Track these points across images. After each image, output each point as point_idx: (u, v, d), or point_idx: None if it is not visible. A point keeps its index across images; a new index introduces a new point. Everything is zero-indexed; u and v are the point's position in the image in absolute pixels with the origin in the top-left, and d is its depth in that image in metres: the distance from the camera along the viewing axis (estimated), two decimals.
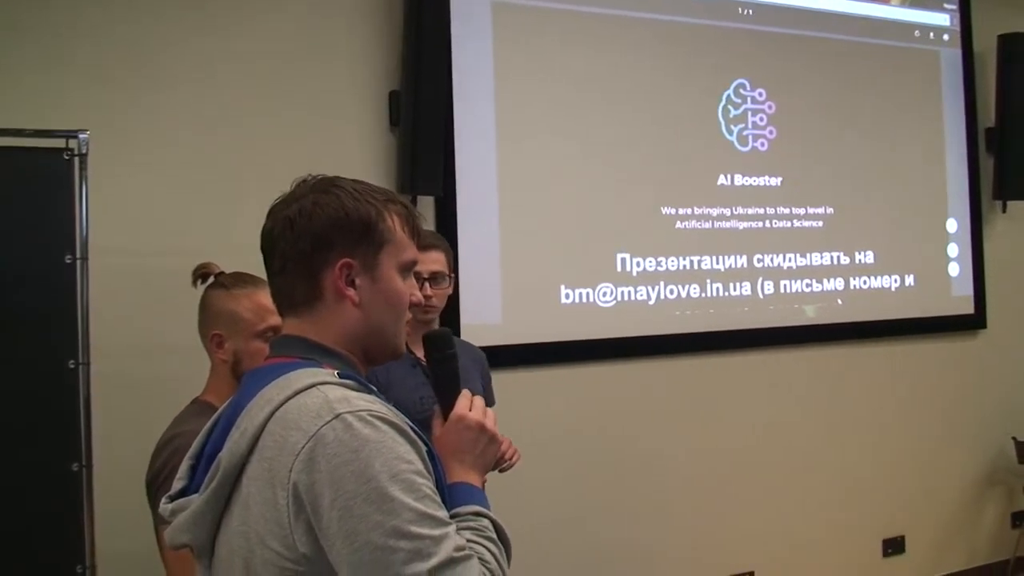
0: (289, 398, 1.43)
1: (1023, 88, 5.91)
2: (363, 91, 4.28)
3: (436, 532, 1.36)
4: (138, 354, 3.65)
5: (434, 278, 3.20)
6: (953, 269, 5.89)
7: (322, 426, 1.38)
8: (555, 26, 4.67)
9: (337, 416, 1.39)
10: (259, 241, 1.62)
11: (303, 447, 1.38)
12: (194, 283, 2.62)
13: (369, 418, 1.39)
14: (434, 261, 3.21)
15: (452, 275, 3.34)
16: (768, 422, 5.20)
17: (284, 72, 4.09)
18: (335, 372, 1.48)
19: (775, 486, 5.21)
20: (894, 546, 5.59)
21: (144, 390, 3.56)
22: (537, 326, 4.56)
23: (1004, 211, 6.10)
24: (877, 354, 5.58)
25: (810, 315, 5.34)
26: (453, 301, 4.07)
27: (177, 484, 1.60)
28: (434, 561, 1.33)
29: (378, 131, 4.29)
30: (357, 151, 4.23)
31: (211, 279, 2.61)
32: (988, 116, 6.04)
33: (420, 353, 2.95)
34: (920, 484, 5.71)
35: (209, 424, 1.62)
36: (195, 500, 1.51)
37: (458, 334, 4.16)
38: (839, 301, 5.44)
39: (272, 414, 1.43)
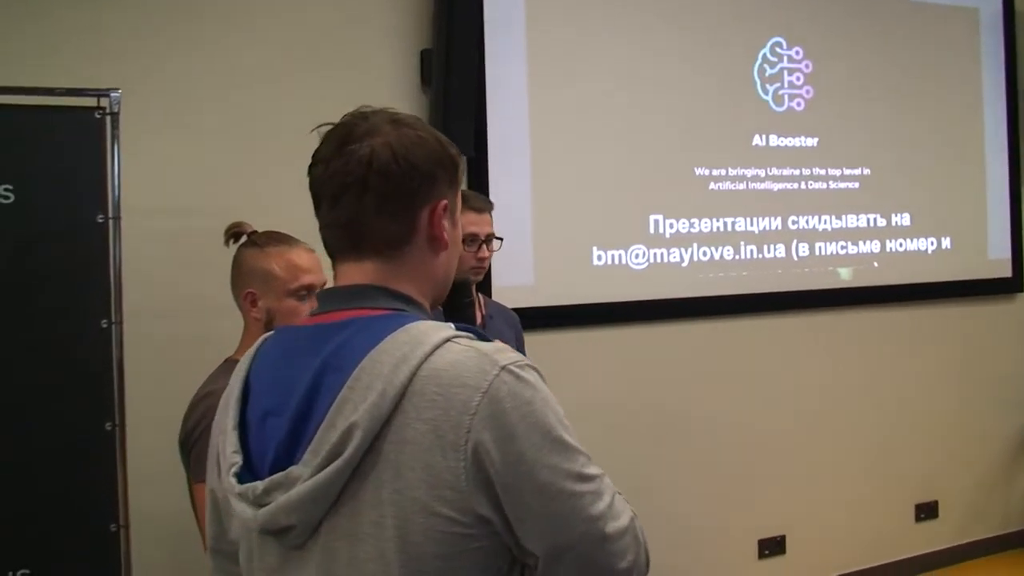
0: (429, 354, 1.33)
1: None
2: (395, 50, 4.23)
3: (598, 469, 1.38)
4: (170, 314, 3.66)
5: (489, 240, 3.31)
6: (991, 231, 5.80)
7: (491, 381, 1.32)
8: None
9: (504, 368, 1.33)
10: (316, 183, 1.47)
11: (478, 404, 1.30)
12: (227, 242, 2.61)
13: (527, 368, 1.36)
14: (488, 223, 3.33)
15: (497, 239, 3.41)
16: (802, 385, 5.16)
17: (315, 31, 4.06)
18: (451, 325, 1.41)
19: (808, 450, 5.18)
20: (927, 511, 5.56)
21: (176, 349, 3.58)
22: (569, 288, 4.53)
23: None
24: (913, 317, 5.52)
25: (845, 278, 5.29)
26: None
27: (234, 457, 1.44)
28: (607, 499, 1.37)
29: (410, 90, 4.26)
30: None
31: (243, 238, 2.60)
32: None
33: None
34: (954, 449, 5.66)
35: (259, 385, 1.49)
36: (305, 474, 1.34)
37: (490, 295, 4.14)
38: (875, 264, 5.37)
39: (415, 372, 1.32)
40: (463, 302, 1.77)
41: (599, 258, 4.61)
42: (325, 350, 1.39)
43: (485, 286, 4.19)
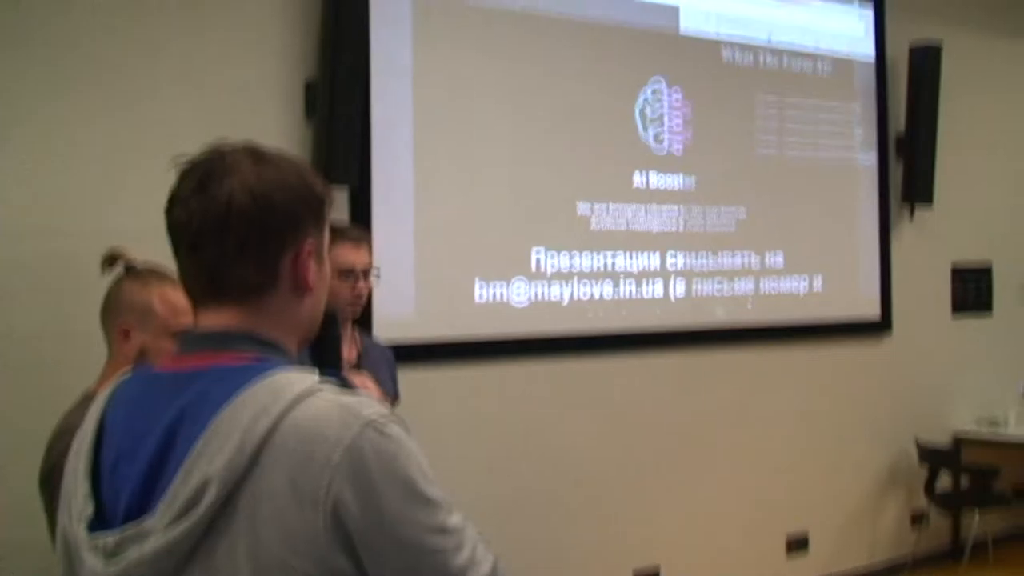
0: (290, 406, 1.28)
1: (932, 97, 6.06)
2: (279, 80, 4.20)
3: (460, 519, 1.36)
4: (30, 340, 3.54)
5: (367, 273, 3.21)
6: (861, 273, 6.00)
7: (355, 436, 1.28)
8: (475, 20, 4.64)
9: (366, 424, 1.29)
10: (174, 226, 1.40)
11: (339, 458, 1.27)
12: (103, 269, 2.54)
13: (390, 422, 1.32)
14: (365, 256, 3.22)
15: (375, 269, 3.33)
16: (678, 421, 5.25)
17: (200, 58, 4.01)
18: (315, 374, 1.35)
19: (683, 484, 5.26)
20: (798, 543, 5.69)
21: (37, 377, 3.47)
22: (450, 322, 4.54)
23: (911, 217, 6.23)
24: (786, 356, 5.67)
25: (721, 316, 5.40)
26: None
27: (85, 505, 1.38)
28: (468, 549, 1.35)
29: (294, 121, 4.23)
30: (274, 142, 4.14)
31: (121, 266, 2.54)
32: (899, 123, 6.16)
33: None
34: (825, 483, 5.81)
35: (113, 428, 1.43)
36: (158, 527, 1.28)
37: (371, 328, 4.13)
38: (749, 305, 5.50)
39: (275, 425, 1.27)
40: (330, 335, 1.72)
41: (480, 295, 4.62)
42: (183, 398, 1.35)
43: (367, 319, 4.18)
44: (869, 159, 6.06)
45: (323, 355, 1.67)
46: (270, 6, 4.19)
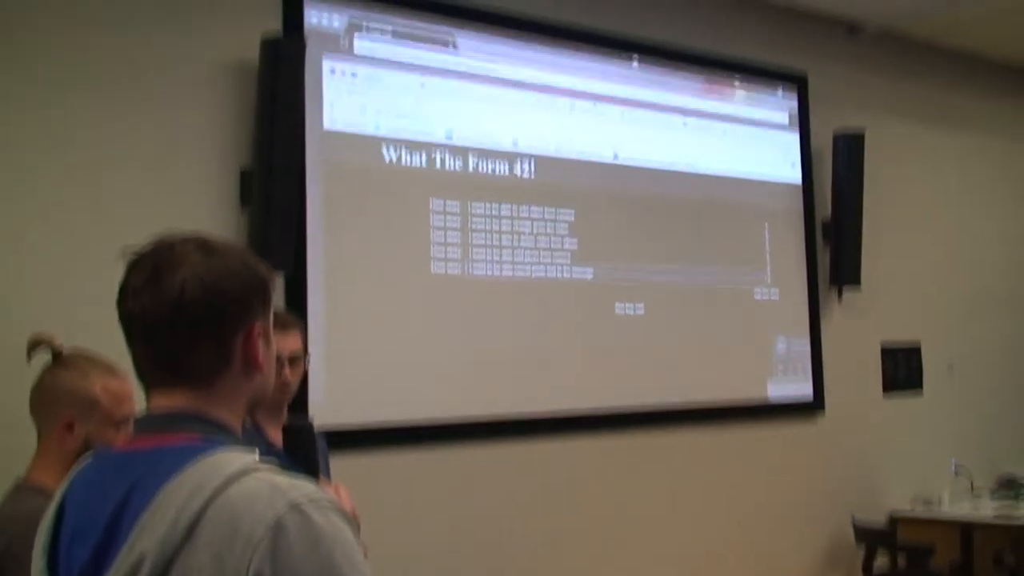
0: (225, 484, 1.33)
1: (857, 182, 6.24)
2: (213, 168, 4.22)
3: None
4: None
5: (294, 360, 3.08)
6: (793, 356, 6.09)
7: (280, 515, 1.32)
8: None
9: (294, 505, 1.33)
10: (127, 316, 1.47)
11: (262, 537, 1.30)
12: (28, 356, 2.52)
13: (322, 506, 1.36)
14: (293, 341, 3.10)
15: (307, 355, 3.28)
16: (611, 504, 5.23)
17: (133, 144, 4.02)
18: (255, 453, 1.41)
19: (616, 568, 5.22)
20: None
21: None
22: (383, 409, 4.50)
23: (840, 299, 6.37)
24: (719, 438, 5.70)
25: (653, 399, 5.44)
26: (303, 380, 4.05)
27: None
28: None
29: (229, 209, 4.24)
30: (210, 228, 4.14)
31: (46, 352, 2.52)
32: (825, 208, 6.33)
33: (273, 436, 2.90)
34: (763, 565, 5.82)
35: (71, 509, 1.50)
36: None
37: (307, 412, 4.13)
38: (678, 387, 5.55)
39: (208, 502, 1.32)
40: (304, 449, 1.76)
41: (400, 379, 4.57)
42: (132, 476, 1.40)
43: (302, 403, 4.17)
44: (798, 243, 6.20)
45: (296, 466, 1.72)
46: (206, 92, 4.22)
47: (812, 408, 6.16)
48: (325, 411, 4.31)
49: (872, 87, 6.76)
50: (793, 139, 6.24)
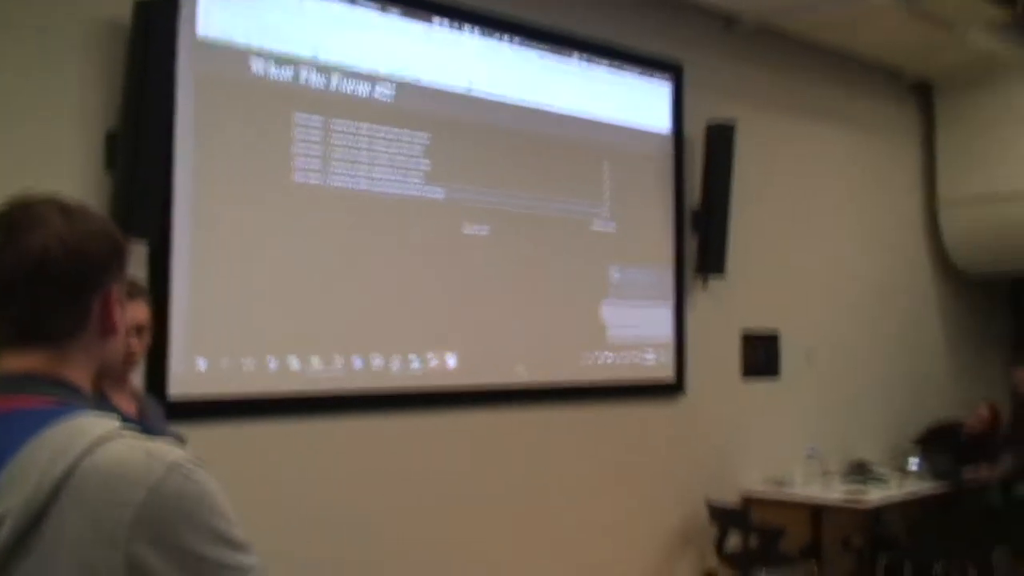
0: (90, 448, 1.32)
1: (726, 173, 6.40)
2: (79, 130, 4.12)
3: (256, 559, 1.41)
4: None
5: (140, 329, 2.98)
6: (656, 339, 6.23)
7: (159, 476, 1.32)
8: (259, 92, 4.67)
9: (172, 466, 1.34)
10: None
11: (142, 501, 1.30)
12: None
13: (198, 466, 1.37)
14: (142, 311, 3.00)
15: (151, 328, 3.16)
16: (470, 481, 5.31)
17: None
18: (116, 419, 1.40)
19: (473, 545, 5.30)
20: None
21: None
22: (243, 381, 4.49)
23: (705, 286, 6.54)
24: (581, 417, 5.82)
25: (522, 377, 5.52)
26: (160, 348, 4.01)
27: None
28: None
29: (94, 173, 4.14)
30: (72, 192, 4.04)
31: None
32: (695, 197, 6.48)
33: (120, 404, 2.86)
34: (619, 542, 5.96)
35: None
36: None
37: (164, 382, 4.09)
38: (543, 364, 5.64)
39: (73, 466, 1.31)
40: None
41: (267, 356, 4.58)
42: (10, 439, 1.36)
43: (158, 372, 4.13)
44: (668, 231, 6.33)
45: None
46: (71, 52, 4.12)
47: (673, 390, 6.31)
48: (207, 381, 4.30)
49: (746, 79, 6.94)
50: (653, 86, 6.34)
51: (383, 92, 5.05)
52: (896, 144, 8.32)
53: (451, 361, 5.22)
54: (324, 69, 4.84)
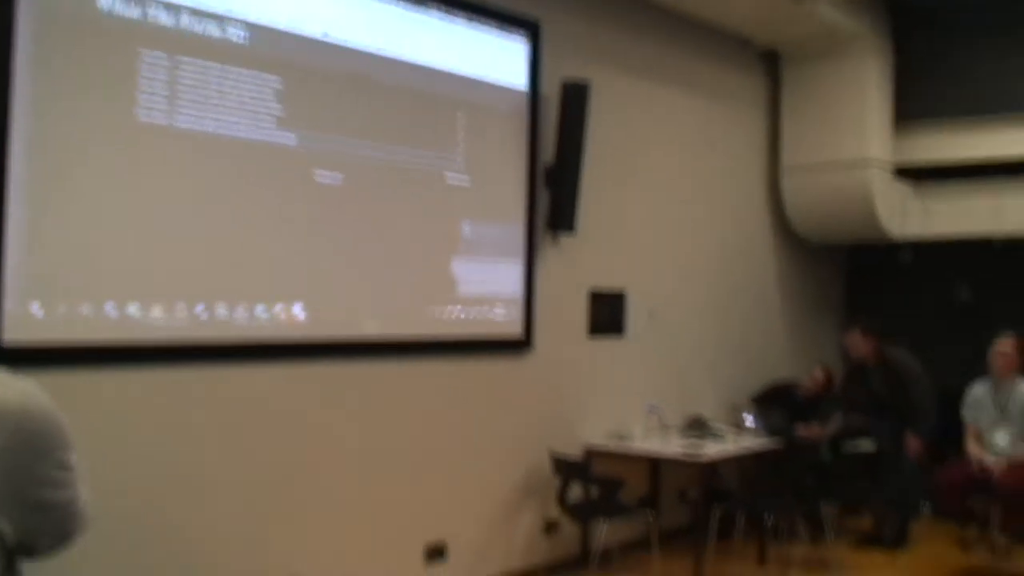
0: None
1: (580, 132, 6.49)
2: None
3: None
4: None
5: None
6: (506, 295, 6.32)
7: (19, 396, 1.54)
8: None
9: (22, 392, 1.57)
10: None
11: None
12: None
13: (42, 394, 1.63)
14: None
15: None
16: (319, 431, 5.31)
17: None
18: None
19: (321, 494, 5.31)
20: (436, 553, 5.89)
21: None
22: (80, 327, 4.38)
23: (555, 243, 6.64)
24: (430, 371, 5.87)
25: (372, 329, 5.52)
26: None
27: None
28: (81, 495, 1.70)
29: None
30: None
31: None
32: (549, 155, 6.56)
33: None
34: (464, 493, 6.06)
35: None
36: None
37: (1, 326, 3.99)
38: (393, 317, 5.66)
39: None
40: None
41: (112, 302, 4.48)
42: None
43: None
44: (520, 188, 6.39)
45: None
46: None
47: (521, 346, 6.41)
48: (42, 327, 4.19)
49: (602, 41, 7.03)
50: (510, 42, 6.36)
51: (236, 33, 4.94)
52: (743, 111, 8.56)
53: (299, 312, 5.18)
54: (173, 7, 4.70)
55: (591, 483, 6.40)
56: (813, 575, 6.78)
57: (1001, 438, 6.81)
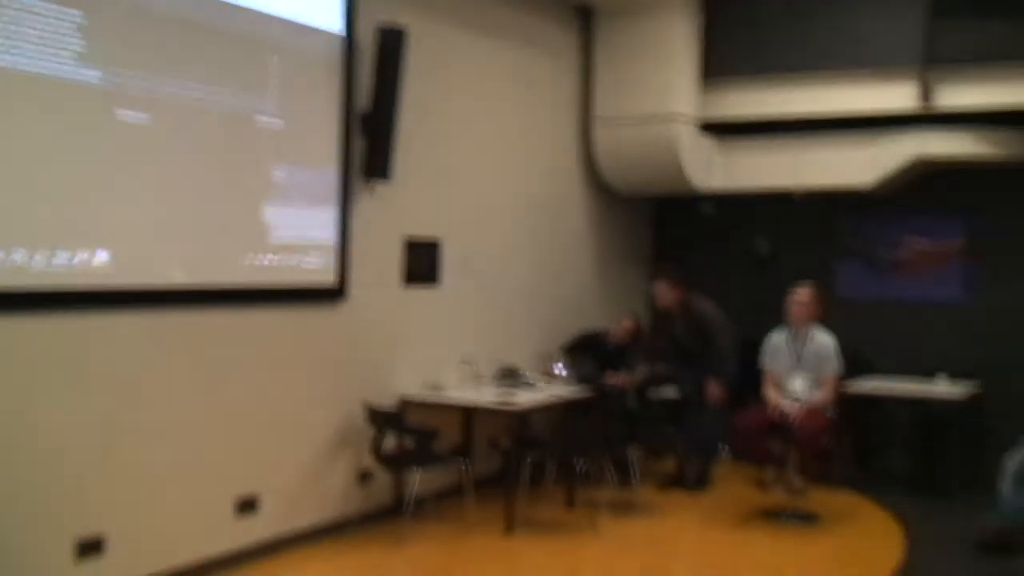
0: None
1: (395, 78, 6.40)
2: None
3: None
4: None
5: None
6: (320, 242, 6.19)
7: None
8: None
9: None
10: None
11: None
12: None
13: None
14: None
15: None
16: (126, 383, 5.10)
17: None
18: None
19: (129, 447, 5.12)
20: (247, 505, 5.77)
21: None
22: None
23: (370, 191, 6.55)
24: (242, 320, 5.71)
25: (179, 278, 5.33)
26: None
27: None
28: None
29: None
30: None
31: None
32: (365, 102, 6.44)
33: None
34: (276, 445, 5.95)
35: None
36: None
37: None
38: (202, 265, 5.48)
39: None
40: None
41: None
42: None
43: None
44: (334, 136, 6.26)
45: None
46: None
47: (335, 295, 6.31)
48: None
49: None
50: None
51: None
52: (557, 63, 8.62)
53: (103, 258, 4.94)
54: None
55: (406, 433, 6.40)
56: (620, 517, 6.98)
57: (798, 384, 7.14)
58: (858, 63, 8.13)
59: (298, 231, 6.04)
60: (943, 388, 8.02)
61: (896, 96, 8.01)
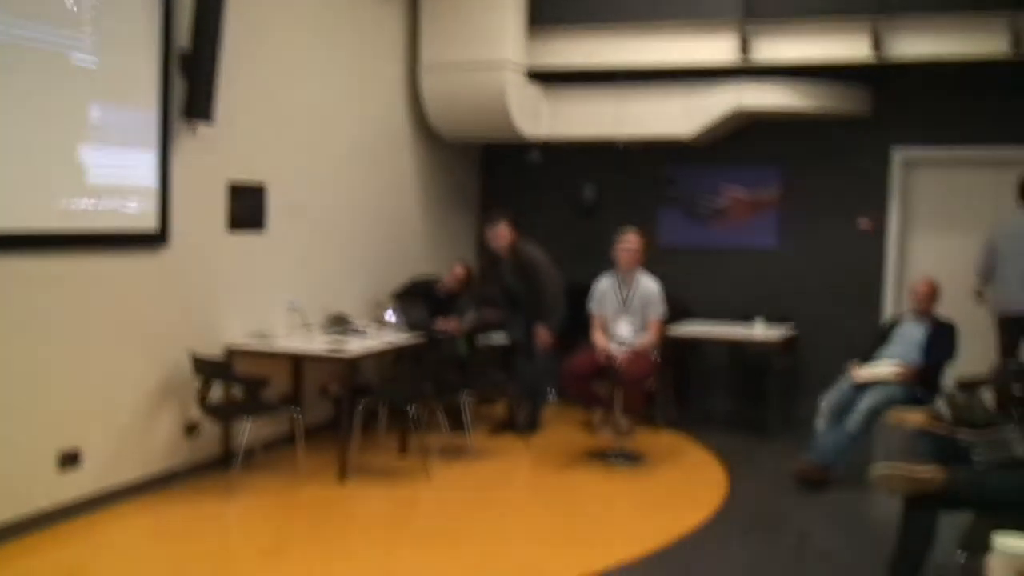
0: None
1: (217, 16, 6.17)
2: None
3: None
4: None
5: None
6: (140, 186, 5.95)
7: None
8: None
9: None
10: None
11: None
12: None
13: None
14: None
15: None
16: None
17: None
18: None
19: None
20: (70, 459, 5.54)
21: None
22: None
23: (192, 132, 6.32)
24: (57, 267, 5.44)
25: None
26: None
27: None
28: None
29: None
30: None
31: None
32: (185, 40, 6.19)
33: None
34: (98, 397, 5.72)
35: None
36: None
37: None
38: (14, 209, 5.18)
39: None
40: None
41: None
42: None
43: None
44: (153, 75, 6.00)
45: None
46: None
47: (157, 240, 6.08)
48: None
49: None
50: None
51: None
52: (384, 7, 8.48)
53: None
54: None
55: (233, 382, 6.25)
56: (452, 462, 7.03)
57: (624, 328, 7.31)
58: (682, 16, 8.29)
59: (117, 174, 5.77)
60: (760, 332, 8.36)
61: (717, 49, 8.22)
